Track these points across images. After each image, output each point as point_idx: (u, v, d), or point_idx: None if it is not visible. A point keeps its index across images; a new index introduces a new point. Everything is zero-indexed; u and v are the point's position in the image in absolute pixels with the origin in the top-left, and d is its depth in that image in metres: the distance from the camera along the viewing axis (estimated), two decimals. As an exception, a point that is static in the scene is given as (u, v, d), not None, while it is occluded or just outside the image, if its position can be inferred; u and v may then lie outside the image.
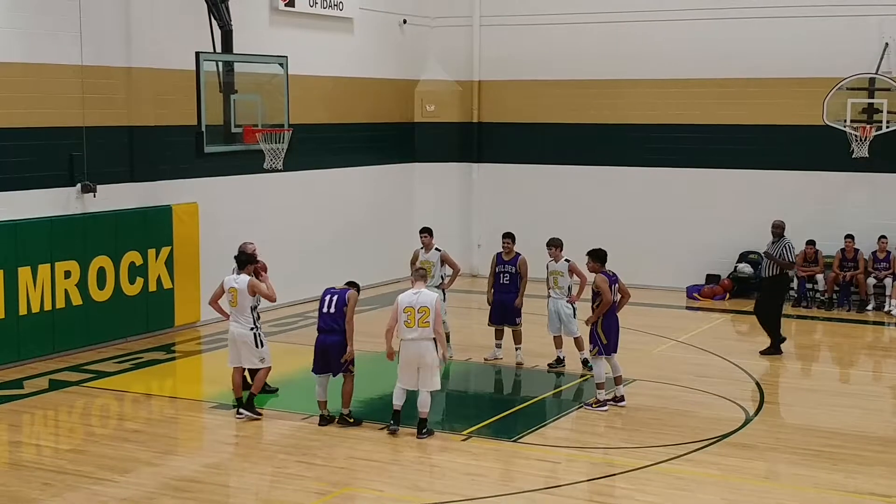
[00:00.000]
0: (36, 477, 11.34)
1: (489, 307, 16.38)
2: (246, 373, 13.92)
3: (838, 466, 11.90)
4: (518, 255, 16.08)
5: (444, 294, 16.31)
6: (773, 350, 17.06)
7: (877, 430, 13.35)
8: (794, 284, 21.13)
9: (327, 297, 13.13)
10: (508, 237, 16.24)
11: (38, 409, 14.02)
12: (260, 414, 13.48)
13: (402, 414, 12.82)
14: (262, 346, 13.50)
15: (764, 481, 11.57)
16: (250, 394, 13.46)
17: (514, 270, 16.03)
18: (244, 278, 13.45)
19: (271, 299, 13.69)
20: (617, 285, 14.07)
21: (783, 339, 17.18)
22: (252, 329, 13.43)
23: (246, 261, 13.64)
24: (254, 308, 13.50)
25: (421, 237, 16.54)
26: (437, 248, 16.41)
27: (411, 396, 12.79)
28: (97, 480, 11.26)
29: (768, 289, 17.28)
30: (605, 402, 13.95)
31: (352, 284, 13.30)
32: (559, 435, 13.07)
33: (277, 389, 14.55)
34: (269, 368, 13.67)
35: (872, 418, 13.84)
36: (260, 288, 13.46)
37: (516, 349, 16.19)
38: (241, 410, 13.37)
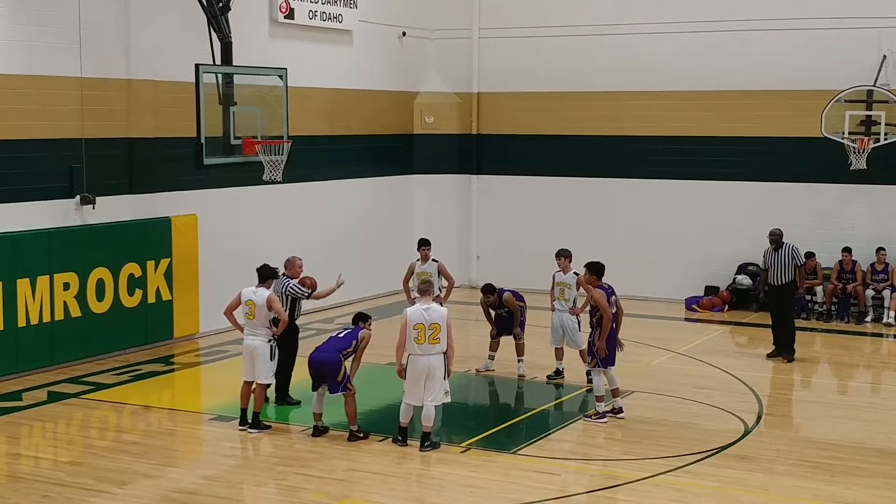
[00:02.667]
0: (34, 489, 11.33)
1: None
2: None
3: (836, 478, 11.91)
4: (501, 292, 16.04)
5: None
6: (785, 352, 17.31)
7: (875, 441, 13.34)
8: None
9: (342, 329, 13.41)
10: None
11: (37, 420, 14.01)
12: (268, 426, 13.46)
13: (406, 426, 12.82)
14: (273, 359, 13.48)
15: (762, 493, 11.56)
16: (254, 412, 13.37)
17: (507, 309, 16.08)
18: (263, 292, 13.35)
19: (284, 320, 13.63)
20: (614, 298, 14.06)
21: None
22: (269, 342, 13.41)
23: (268, 275, 13.58)
24: (272, 322, 13.46)
25: (420, 250, 16.54)
26: (433, 260, 16.42)
27: (417, 411, 12.77)
28: (96, 493, 11.25)
29: (782, 297, 17.35)
30: (605, 413, 13.96)
31: (362, 317, 13.39)
32: (558, 447, 13.06)
33: (300, 402, 14.40)
34: (268, 385, 13.65)
35: (871, 430, 13.83)
36: (276, 305, 13.39)
37: (518, 361, 16.20)
38: (251, 430, 13.29)
